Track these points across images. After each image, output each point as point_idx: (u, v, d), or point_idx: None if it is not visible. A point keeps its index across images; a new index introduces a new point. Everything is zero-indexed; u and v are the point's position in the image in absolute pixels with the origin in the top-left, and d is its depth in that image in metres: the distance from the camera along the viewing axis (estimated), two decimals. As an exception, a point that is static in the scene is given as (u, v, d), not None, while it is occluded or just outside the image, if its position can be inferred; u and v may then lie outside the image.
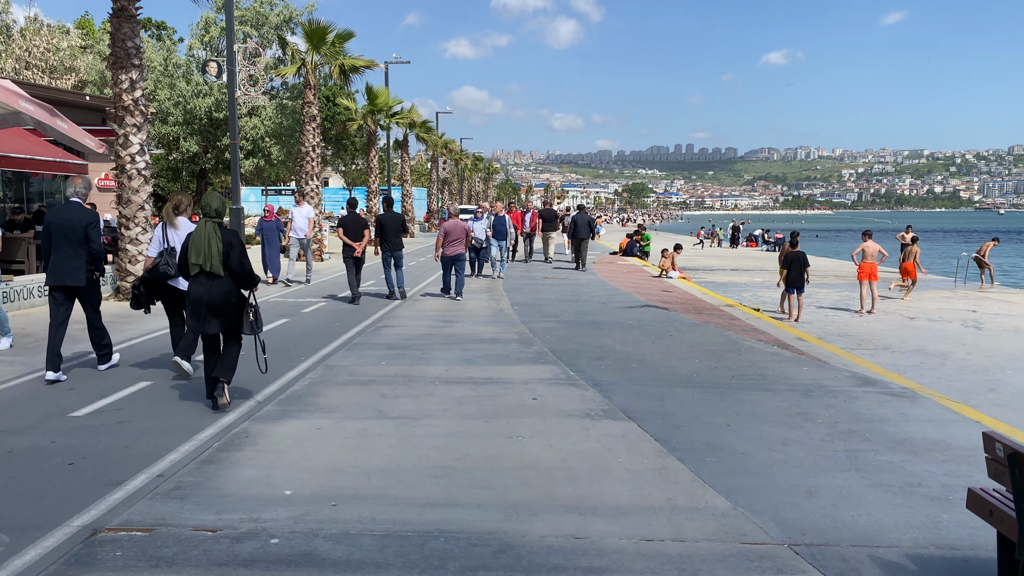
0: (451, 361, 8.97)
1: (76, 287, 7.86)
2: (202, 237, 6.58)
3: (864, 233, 18.26)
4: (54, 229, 7.77)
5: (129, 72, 14.18)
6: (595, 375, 8.32)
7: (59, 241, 7.74)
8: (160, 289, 8.02)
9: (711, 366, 8.91)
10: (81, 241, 7.76)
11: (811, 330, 14.08)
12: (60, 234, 7.74)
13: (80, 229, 7.75)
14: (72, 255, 7.75)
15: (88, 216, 7.88)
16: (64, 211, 7.86)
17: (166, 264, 7.80)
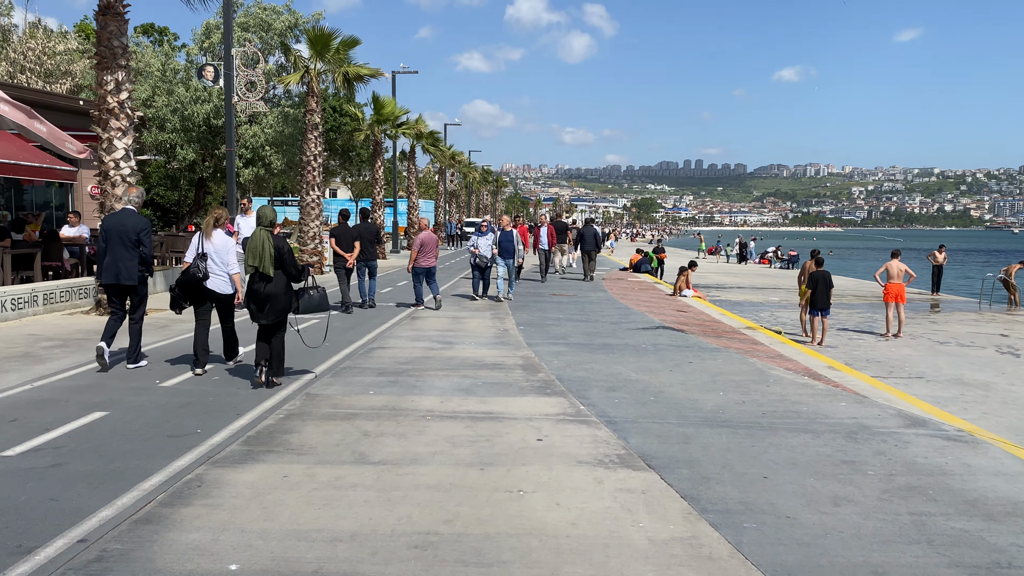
0: (447, 390, 8.05)
1: (127, 285, 8.66)
2: (257, 243, 7.71)
3: (892, 252, 17.32)
4: (110, 233, 8.57)
5: (115, 73, 13.39)
6: (608, 410, 7.39)
7: (114, 243, 8.56)
8: (193, 291, 8.63)
9: (738, 400, 7.96)
10: (134, 244, 8.61)
11: (837, 355, 13.14)
12: (115, 237, 8.55)
13: (134, 233, 8.59)
14: (126, 256, 8.57)
15: (141, 222, 8.74)
16: (119, 217, 8.72)
17: (196, 268, 8.50)
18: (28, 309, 12.91)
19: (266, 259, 7.68)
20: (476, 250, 16.87)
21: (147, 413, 6.90)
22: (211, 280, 8.60)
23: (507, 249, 17.11)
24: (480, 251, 16.83)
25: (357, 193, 61.61)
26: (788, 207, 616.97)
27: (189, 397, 7.52)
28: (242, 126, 24.06)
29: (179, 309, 8.72)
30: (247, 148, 24.16)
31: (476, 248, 16.87)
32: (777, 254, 48.11)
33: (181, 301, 8.64)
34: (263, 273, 7.72)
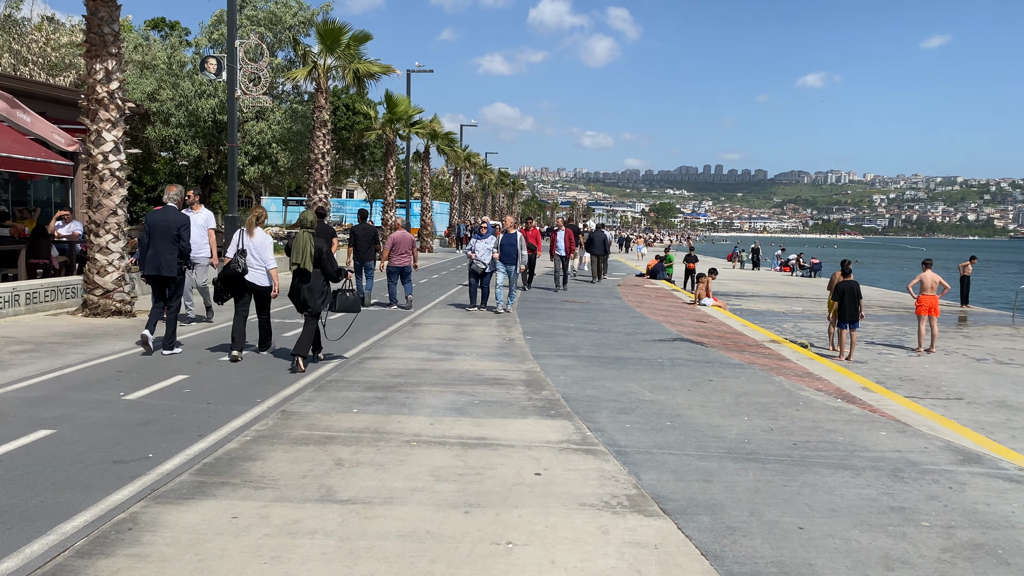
0: (440, 409, 7.23)
1: (167, 276, 9.37)
2: (300, 243, 8.67)
3: (923, 263, 16.36)
4: (154, 228, 9.33)
5: (105, 61, 12.69)
6: (618, 436, 6.54)
7: (157, 237, 9.29)
8: (234, 284, 9.28)
9: (765, 427, 7.09)
10: (174, 239, 9.33)
11: (868, 372, 12.26)
12: (158, 232, 9.30)
13: (174, 229, 9.34)
14: (166, 249, 9.29)
15: (181, 219, 9.52)
16: (162, 213, 9.49)
17: (236, 263, 9.16)
18: (8, 309, 12.23)
19: (307, 257, 8.68)
20: (473, 254, 15.24)
21: (98, 432, 6.13)
22: (250, 274, 9.29)
23: (509, 254, 15.36)
24: (478, 255, 15.12)
25: (372, 194, 60.99)
26: (808, 214, 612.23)
27: (151, 413, 6.76)
28: (248, 122, 23.39)
29: (221, 300, 9.42)
30: (253, 145, 23.48)
31: (473, 252, 15.25)
32: (799, 262, 46.96)
33: (223, 293, 9.32)
34: (303, 269, 8.74)
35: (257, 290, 9.40)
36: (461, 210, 58.13)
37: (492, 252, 15.09)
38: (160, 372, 8.45)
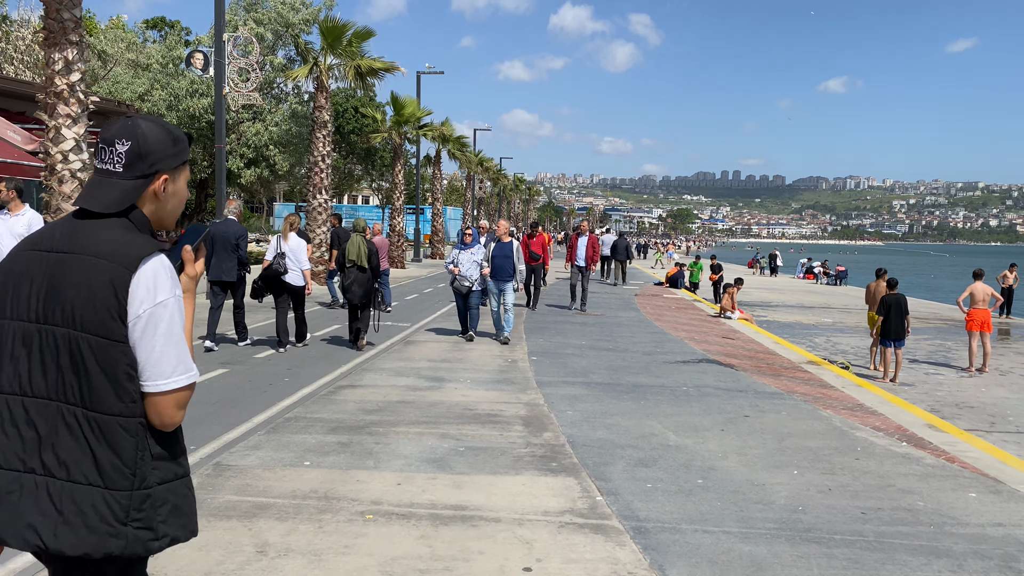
0: (414, 461, 5.83)
1: (228, 281, 10.48)
2: (355, 244, 10.40)
3: (974, 273, 14.82)
4: (215, 238, 10.40)
5: (64, 50, 11.41)
6: (636, 503, 5.11)
7: (218, 247, 10.38)
8: (274, 284, 10.44)
9: (821, 484, 5.64)
10: (234, 248, 10.43)
11: (917, 397, 10.80)
12: (220, 242, 10.38)
13: (233, 239, 10.44)
14: (227, 258, 10.40)
15: (240, 230, 10.63)
16: (223, 225, 10.64)
17: (278, 264, 10.28)
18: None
19: (362, 256, 10.39)
20: (456, 268, 11.90)
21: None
22: (289, 275, 10.38)
23: (503, 269, 12.05)
24: (462, 270, 11.89)
25: (385, 200, 59.81)
26: (827, 220, 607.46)
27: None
28: (244, 123, 22.17)
29: (260, 298, 10.78)
30: (249, 147, 22.25)
31: (456, 266, 11.93)
32: (824, 269, 45.25)
33: (263, 292, 10.59)
34: (360, 266, 10.41)
35: (293, 289, 10.53)
36: (475, 216, 56.82)
37: (480, 266, 11.99)
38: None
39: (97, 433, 1.82)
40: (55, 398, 1.84)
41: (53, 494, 1.81)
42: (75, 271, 1.84)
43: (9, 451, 1.84)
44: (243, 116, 22.67)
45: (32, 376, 1.85)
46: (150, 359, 1.84)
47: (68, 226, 1.92)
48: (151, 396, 1.85)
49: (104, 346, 1.81)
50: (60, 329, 1.83)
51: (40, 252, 1.90)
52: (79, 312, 1.82)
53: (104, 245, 1.85)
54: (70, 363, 1.83)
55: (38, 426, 1.83)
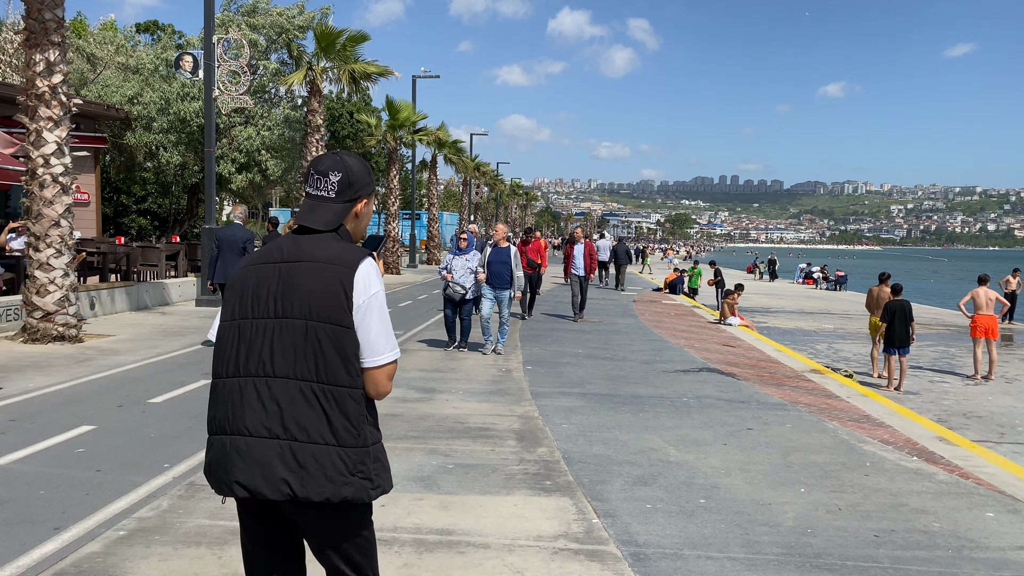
0: (399, 479, 5.51)
1: None
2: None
3: (978, 278, 14.56)
4: (222, 242, 10.87)
5: (46, 51, 11.12)
6: (635, 526, 4.80)
7: (225, 251, 10.81)
8: None
9: (830, 504, 5.33)
10: (240, 251, 10.79)
11: (923, 406, 10.54)
12: (226, 246, 10.82)
13: (240, 242, 10.84)
14: (233, 261, 10.73)
15: (247, 234, 11.06)
16: (230, 230, 11.13)
17: None
18: (-70, 335, 10.66)
19: None
20: (449, 275, 11.31)
21: (-81, 523, 4.46)
22: None
23: (499, 275, 11.39)
24: (455, 277, 11.27)
25: (380, 205, 59.45)
26: (825, 224, 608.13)
27: (10, 489, 5.08)
28: (236, 128, 21.85)
29: None
30: (241, 152, 21.92)
31: (449, 272, 11.34)
32: (824, 274, 44.97)
33: None
34: None
35: None
36: (471, 221, 56.55)
37: (475, 272, 11.36)
38: (62, 422, 6.78)
39: (331, 402, 2.25)
40: (293, 376, 2.26)
41: (297, 453, 2.23)
42: (307, 274, 2.30)
43: (258, 422, 2.26)
44: (235, 120, 22.33)
45: (274, 360, 2.27)
46: (368, 339, 2.30)
47: (291, 242, 2.39)
48: (369, 370, 2.32)
49: (337, 331, 2.26)
50: (298, 321, 2.27)
51: (271, 264, 2.37)
52: (315, 305, 2.27)
53: (328, 253, 2.32)
54: (307, 347, 2.26)
55: (279, 400, 2.25)
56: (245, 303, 2.35)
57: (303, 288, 2.28)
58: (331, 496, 2.23)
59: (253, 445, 2.26)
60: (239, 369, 2.32)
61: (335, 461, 2.24)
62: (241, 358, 2.32)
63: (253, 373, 2.29)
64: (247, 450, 2.26)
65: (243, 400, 2.29)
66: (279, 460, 2.23)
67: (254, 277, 2.37)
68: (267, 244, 2.50)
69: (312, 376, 2.25)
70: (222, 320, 2.41)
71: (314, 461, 2.23)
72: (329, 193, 2.39)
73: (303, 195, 2.52)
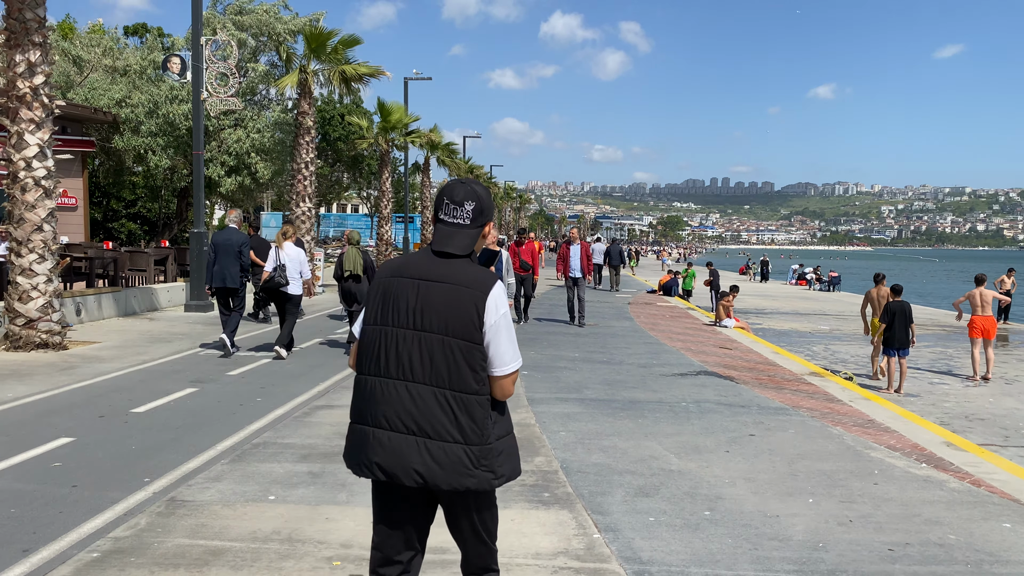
0: (392, 493, 5.27)
1: (231, 287, 10.81)
2: (351, 255, 11.08)
3: (976, 278, 14.43)
4: (219, 247, 10.81)
5: (27, 52, 10.85)
6: (638, 541, 4.57)
7: (221, 255, 10.76)
8: (274, 294, 10.75)
9: (840, 515, 5.11)
10: (236, 255, 10.81)
11: (925, 409, 10.39)
12: (222, 250, 10.78)
13: (236, 246, 10.83)
14: (230, 264, 10.77)
15: (242, 238, 11.06)
16: (225, 233, 11.03)
17: (280, 277, 10.49)
18: (-92, 343, 10.36)
19: (357, 266, 11.02)
20: None
21: None
22: (290, 286, 10.64)
23: None
24: None
25: (373, 208, 59.16)
26: (816, 226, 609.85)
27: (-19, 507, 4.82)
28: (225, 130, 21.56)
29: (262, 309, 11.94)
30: (230, 155, 21.62)
31: None
32: (817, 275, 44.88)
33: (264, 303, 11.39)
34: (355, 275, 11.03)
35: (291, 298, 10.80)
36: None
37: None
38: (39, 434, 6.52)
39: (460, 406, 2.59)
40: (429, 382, 2.59)
41: (430, 449, 2.58)
42: (445, 295, 2.61)
43: (397, 419, 2.61)
44: (224, 123, 22.02)
45: (413, 367, 2.59)
46: (497, 352, 2.63)
47: (428, 260, 2.68)
48: (498, 379, 2.66)
49: (469, 347, 2.59)
50: (435, 335, 2.58)
51: (409, 279, 2.66)
52: (451, 323, 2.58)
53: (465, 277, 2.63)
54: (443, 358, 2.58)
55: (416, 402, 2.59)
56: (387, 312, 2.67)
57: (440, 307, 2.60)
58: (456, 486, 2.61)
59: (393, 438, 2.62)
60: (380, 370, 2.66)
61: (461, 457, 2.60)
62: (383, 361, 2.66)
63: (394, 376, 2.63)
64: (387, 441, 2.63)
65: (385, 398, 2.64)
66: (414, 453, 2.60)
67: (394, 288, 2.68)
68: (404, 256, 2.76)
69: (445, 383, 2.59)
70: (365, 323, 2.74)
71: (444, 456, 2.59)
72: (464, 220, 2.70)
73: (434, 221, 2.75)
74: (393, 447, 2.61)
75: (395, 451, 2.61)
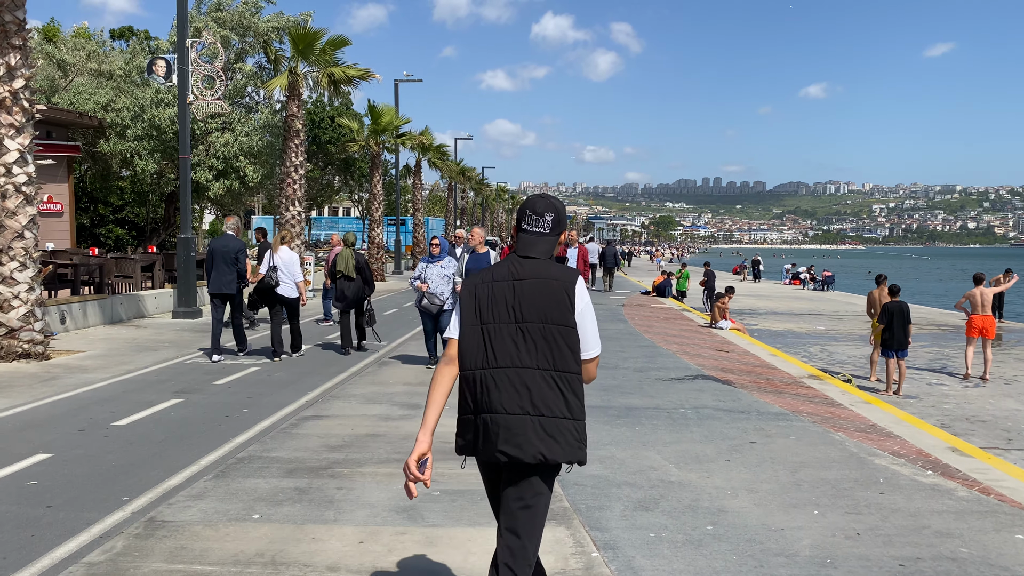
0: (381, 510, 5.06)
1: (228, 294, 10.92)
2: (344, 256, 11.27)
3: (974, 277, 14.29)
4: (215, 253, 10.83)
5: (6, 55, 10.61)
6: (639, 559, 4.37)
7: (218, 261, 10.80)
8: (267, 296, 10.96)
9: (847, 528, 4.92)
10: (233, 261, 10.85)
11: (925, 411, 10.25)
12: (219, 256, 10.80)
13: (233, 253, 10.86)
14: (226, 271, 10.81)
15: (239, 245, 11.04)
16: (222, 240, 11.02)
17: (270, 277, 10.80)
18: None
19: (350, 267, 11.19)
20: (424, 286, 10.09)
21: None
22: (281, 287, 10.90)
23: None
24: (431, 287, 10.08)
25: (365, 211, 58.89)
26: (808, 224, 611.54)
27: (-51, 531, 4.59)
28: (213, 134, 21.29)
29: (255, 310, 11.61)
30: (218, 158, 21.35)
31: (423, 282, 10.11)
32: (811, 274, 44.80)
33: (257, 304, 11.25)
34: (347, 275, 11.22)
35: (286, 301, 11.01)
36: (457, 226, 56.10)
37: (452, 281, 10.10)
38: (15, 450, 6.28)
39: (566, 385, 2.86)
40: (536, 366, 2.85)
41: (545, 426, 2.82)
42: (539, 288, 2.90)
43: (512, 402, 2.84)
44: (212, 126, 21.75)
45: (520, 354, 2.86)
46: (584, 337, 2.92)
47: (516, 264, 2.97)
48: (585, 362, 2.94)
49: (566, 330, 2.87)
50: (536, 324, 2.87)
51: (505, 282, 2.95)
52: (549, 311, 2.87)
53: (552, 272, 2.95)
54: (544, 343, 2.86)
55: (528, 385, 2.84)
56: (486, 312, 2.94)
57: (536, 299, 2.91)
58: (573, 459, 2.88)
59: (511, 420, 2.85)
60: (489, 363, 2.90)
61: (571, 431, 2.89)
62: (489, 355, 2.90)
63: (502, 365, 2.88)
64: (507, 425, 2.85)
65: (497, 386, 2.87)
66: (533, 432, 2.83)
67: (488, 291, 2.97)
68: (497, 265, 3.04)
69: (550, 365, 2.88)
70: (463, 324, 2.97)
71: (557, 431, 2.86)
72: (544, 229, 3.04)
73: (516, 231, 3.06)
74: (513, 429, 2.84)
75: (516, 432, 2.83)
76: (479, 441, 2.91)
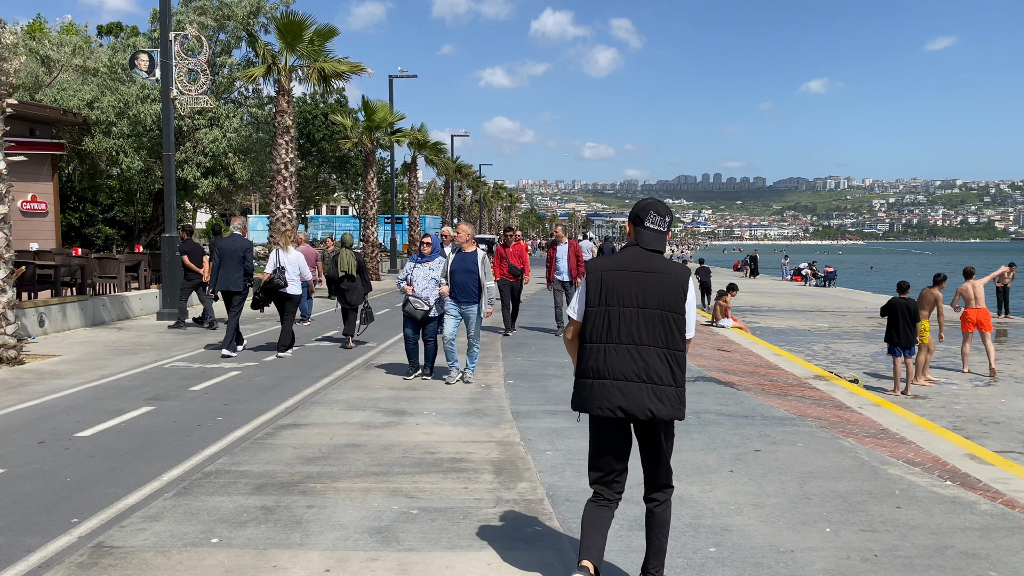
0: (352, 531, 4.62)
1: (234, 291, 11.44)
2: (345, 257, 11.66)
3: (964, 272, 14.03)
4: (223, 252, 11.46)
5: (-25, 47, 10.16)
6: (635, 588, 3.94)
7: (225, 259, 11.42)
8: (274, 295, 11.01)
9: (863, 548, 4.48)
10: (240, 260, 11.48)
11: (936, 412, 9.91)
12: (227, 255, 11.44)
13: (240, 252, 11.49)
14: (234, 269, 11.44)
15: (246, 243, 11.62)
16: (230, 240, 11.64)
17: (279, 278, 10.85)
18: None
19: (352, 267, 11.56)
20: (410, 288, 9.26)
21: None
22: (290, 287, 10.96)
23: (464, 287, 9.03)
24: (416, 290, 9.22)
25: (360, 209, 58.39)
26: (808, 220, 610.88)
27: None
28: (200, 130, 20.81)
29: (261, 309, 11.51)
30: (206, 156, 20.86)
31: (410, 283, 9.29)
32: (813, 270, 44.36)
33: (263, 303, 11.18)
34: (349, 275, 11.58)
35: (290, 297, 11.07)
36: (454, 224, 55.62)
37: (440, 283, 9.14)
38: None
39: (673, 359, 3.60)
40: (651, 344, 3.58)
41: (656, 392, 3.56)
42: (659, 280, 3.63)
43: (631, 371, 3.57)
44: (199, 123, 21.28)
45: (640, 333, 3.59)
46: (688, 321, 3.66)
47: (641, 256, 3.68)
48: (688, 341, 3.69)
49: (678, 317, 3.62)
50: (654, 311, 3.60)
51: (629, 272, 3.66)
52: (666, 300, 3.61)
53: (670, 267, 3.69)
54: (661, 327, 3.59)
55: (645, 358, 3.57)
56: (611, 296, 3.62)
57: (659, 290, 3.60)
58: (674, 417, 3.58)
59: (630, 386, 3.55)
60: (612, 338, 3.60)
61: (674, 396, 3.58)
62: (613, 332, 3.60)
63: (624, 341, 3.58)
64: (626, 389, 3.55)
65: (619, 357, 3.58)
66: (646, 396, 3.53)
67: (613, 279, 3.65)
68: (623, 253, 3.72)
69: (663, 344, 3.57)
70: (589, 305, 3.67)
71: (666, 396, 3.56)
72: (664, 228, 3.71)
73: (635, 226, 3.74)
74: (630, 392, 3.54)
75: (632, 395, 3.54)
76: (600, 400, 3.57)
